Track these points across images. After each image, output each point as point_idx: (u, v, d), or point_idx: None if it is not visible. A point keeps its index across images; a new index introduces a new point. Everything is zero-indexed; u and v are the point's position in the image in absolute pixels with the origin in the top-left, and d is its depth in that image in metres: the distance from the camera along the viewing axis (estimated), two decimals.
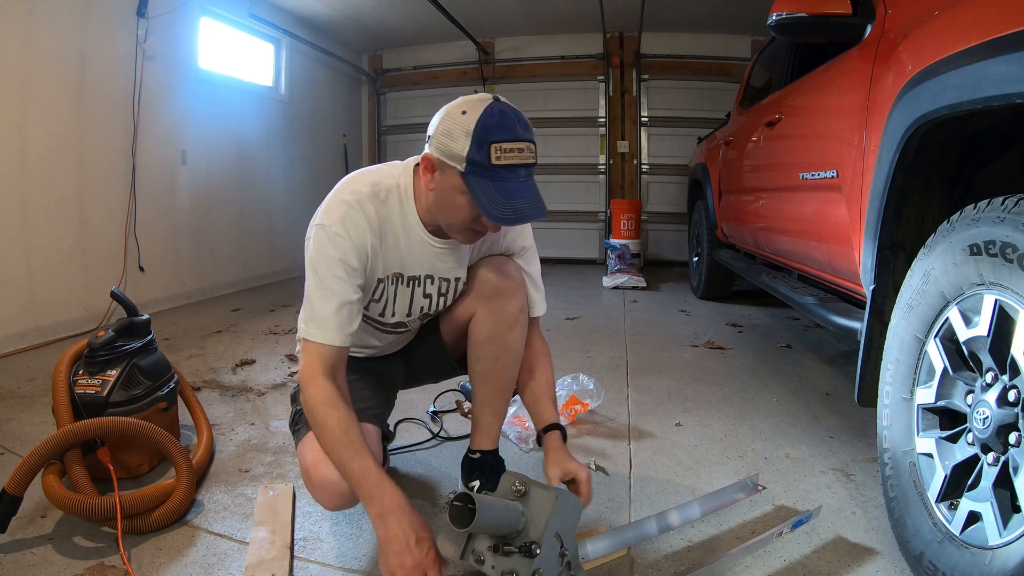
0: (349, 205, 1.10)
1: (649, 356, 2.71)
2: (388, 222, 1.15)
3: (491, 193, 1.01)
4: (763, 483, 1.44)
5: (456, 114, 1.03)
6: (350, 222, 1.10)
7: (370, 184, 1.14)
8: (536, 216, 1.04)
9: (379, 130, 6.72)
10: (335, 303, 1.08)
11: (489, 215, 1.02)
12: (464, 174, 1.02)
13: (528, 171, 1.05)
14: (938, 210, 1.29)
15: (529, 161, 1.04)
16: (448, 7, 4.74)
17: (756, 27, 5.35)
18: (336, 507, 1.13)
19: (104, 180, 3.30)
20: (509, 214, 1.02)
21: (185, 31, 3.89)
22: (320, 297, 1.08)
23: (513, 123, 1.02)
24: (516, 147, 1.02)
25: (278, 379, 2.33)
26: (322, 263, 1.09)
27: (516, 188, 1.02)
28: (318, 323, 1.08)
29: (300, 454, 1.16)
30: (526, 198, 1.03)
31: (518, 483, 0.97)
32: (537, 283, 1.34)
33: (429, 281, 1.24)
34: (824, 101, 1.85)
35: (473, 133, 1.00)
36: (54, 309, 2.98)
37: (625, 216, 5.07)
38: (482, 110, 1.02)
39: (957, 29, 1.07)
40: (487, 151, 1.00)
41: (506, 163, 1.01)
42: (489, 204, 1.01)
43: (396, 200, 1.16)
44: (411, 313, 1.26)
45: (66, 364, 1.50)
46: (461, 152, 1.01)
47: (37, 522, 1.28)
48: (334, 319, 1.07)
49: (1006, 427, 0.88)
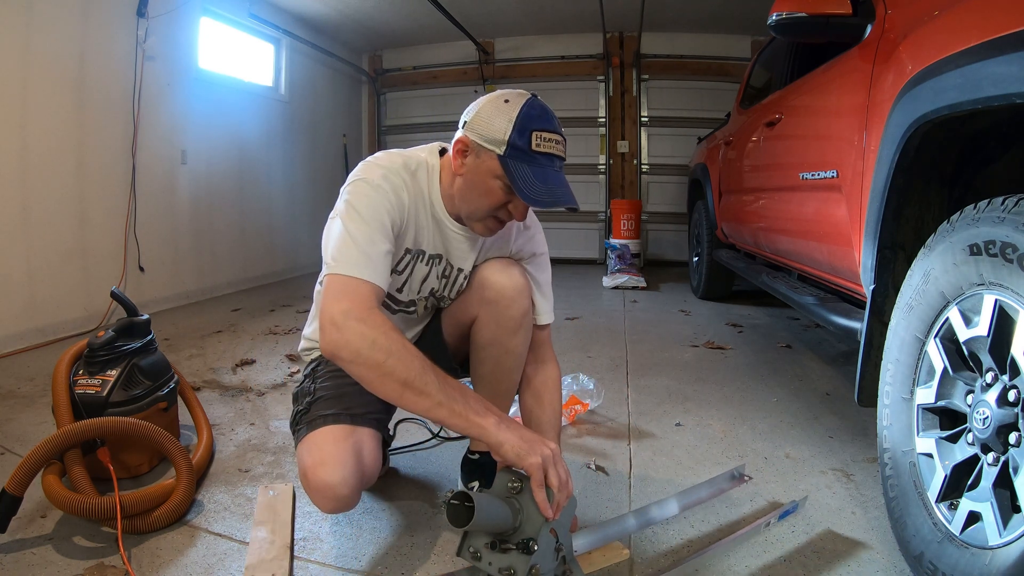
0: (388, 169, 1.12)
1: (649, 356, 2.71)
2: (418, 197, 1.17)
3: (529, 176, 1.05)
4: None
5: (499, 102, 1.08)
6: (390, 182, 1.11)
7: (403, 158, 1.17)
8: (569, 201, 1.08)
9: (379, 130, 6.72)
10: (379, 246, 1.04)
11: (526, 197, 1.05)
12: (503, 157, 1.06)
13: (561, 163, 1.11)
14: (938, 210, 1.29)
15: (563, 154, 1.10)
16: (448, 7, 4.74)
17: (756, 27, 5.35)
18: (333, 510, 1.12)
19: (104, 180, 3.30)
20: (546, 196, 1.05)
21: (185, 31, 3.89)
22: (365, 238, 1.03)
23: (552, 117, 1.10)
24: (554, 138, 1.08)
25: (278, 379, 2.33)
26: (366, 209, 1.05)
27: (552, 175, 1.07)
28: (364, 260, 1.01)
29: (299, 456, 1.15)
30: (559, 185, 1.08)
31: (514, 480, 0.97)
32: (545, 291, 1.33)
33: (439, 261, 1.24)
34: (824, 101, 1.85)
35: (516, 119, 1.05)
36: (54, 309, 2.98)
37: (625, 216, 5.08)
38: (525, 100, 1.08)
39: (957, 29, 1.07)
40: (528, 137, 1.05)
41: (545, 151, 1.06)
42: (526, 187, 1.05)
43: (425, 176, 1.18)
44: (421, 291, 1.27)
45: (66, 364, 1.49)
46: (502, 136, 1.05)
47: (37, 522, 1.27)
48: (380, 260, 1.03)
49: (1006, 427, 0.88)
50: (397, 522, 1.31)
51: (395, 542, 1.23)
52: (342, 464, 1.06)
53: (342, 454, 1.07)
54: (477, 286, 1.27)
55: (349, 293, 0.98)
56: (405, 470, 1.57)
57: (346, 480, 1.06)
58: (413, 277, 1.23)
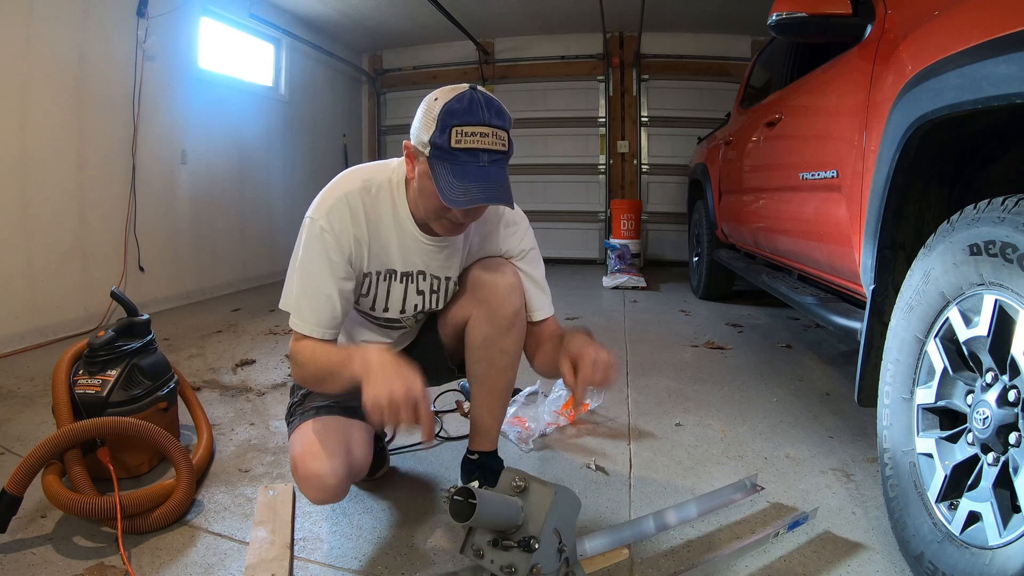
0: (337, 199, 1.13)
1: (649, 356, 2.71)
2: (379, 217, 1.16)
3: (447, 176, 1.01)
4: (763, 483, 1.44)
5: (430, 101, 1.05)
6: (335, 216, 1.12)
7: (361, 180, 1.16)
8: (488, 200, 1.02)
9: (379, 130, 6.72)
10: (317, 298, 1.12)
11: (443, 197, 1.01)
12: (429, 158, 1.04)
13: (492, 157, 1.02)
14: (938, 210, 1.29)
15: (494, 147, 1.02)
16: (448, 7, 4.74)
17: (756, 27, 5.34)
18: (321, 501, 1.13)
19: (104, 180, 3.30)
20: (460, 196, 0.99)
21: (185, 31, 3.89)
22: (302, 291, 1.12)
23: (480, 109, 1.01)
24: (479, 131, 1.00)
25: (278, 379, 2.33)
26: (307, 256, 1.12)
27: (474, 172, 1.01)
28: (301, 316, 1.12)
29: (291, 445, 1.17)
30: (482, 181, 1.01)
31: (518, 479, 0.98)
32: (541, 285, 1.33)
33: (422, 277, 1.24)
34: (824, 101, 1.85)
35: (438, 117, 1.01)
36: (54, 309, 2.98)
37: (625, 216, 5.08)
38: (451, 96, 1.02)
39: (957, 29, 1.07)
40: (448, 134, 1.00)
41: (466, 146, 1.00)
42: (444, 186, 1.01)
43: (388, 195, 1.17)
44: (405, 310, 1.26)
45: (66, 364, 1.49)
46: (427, 136, 1.03)
47: (37, 522, 1.27)
48: (313, 314, 1.12)
49: (1006, 427, 0.88)
50: (397, 522, 1.31)
51: (395, 542, 1.23)
52: (331, 454, 1.07)
53: (332, 445, 1.08)
54: (469, 287, 1.26)
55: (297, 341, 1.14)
56: (405, 470, 1.57)
57: (335, 470, 1.07)
58: (390, 297, 1.23)
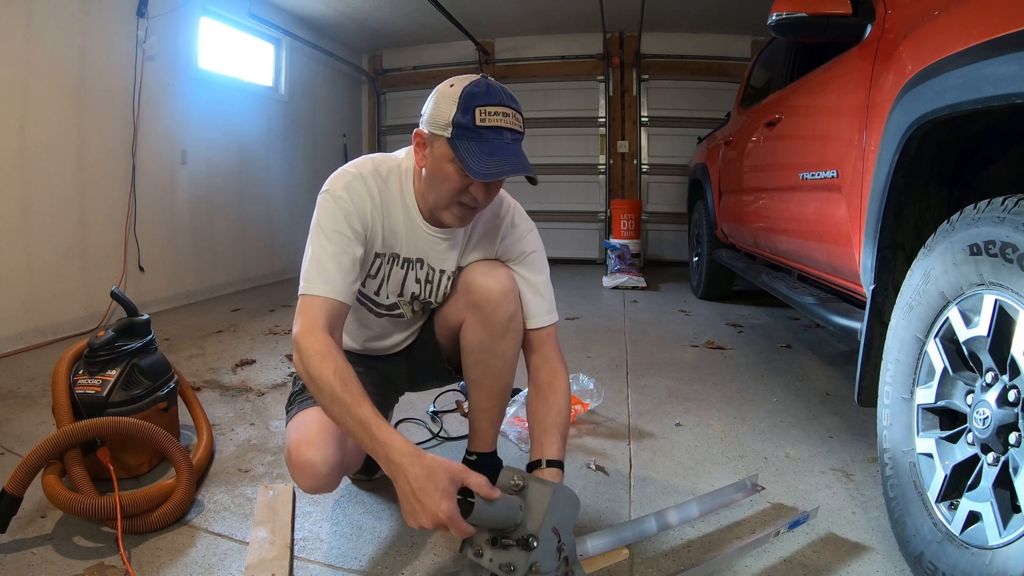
0: (353, 175, 1.15)
1: (649, 356, 2.71)
2: (390, 201, 1.18)
3: (475, 152, 1.04)
4: (763, 483, 1.44)
5: (444, 88, 1.09)
6: (353, 189, 1.13)
7: (373, 163, 1.18)
8: (517, 170, 1.06)
9: (379, 130, 6.72)
10: (339, 258, 1.10)
11: (473, 172, 1.03)
12: (451, 138, 1.06)
13: (514, 136, 1.07)
14: (938, 210, 1.29)
15: (515, 127, 1.07)
16: (448, 7, 4.74)
17: (756, 27, 5.35)
18: (312, 490, 1.12)
19: (104, 180, 3.30)
20: (492, 168, 1.03)
21: (185, 31, 3.89)
22: (324, 253, 1.10)
23: (498, 92, 1.07)
24: (501, 111, 1.05)
25: (278, 379, 2.33)
26: (327, 222, 1.12)
27: (500, 147, 1.05)
28: (321, 276, 1.08)
29: (287, 434, 1.17)
30: (512, 156, 1.06)
31: (516, 478, 0.98)
32: (541, 291, 1.29)
33: (419, 265, 1.24)
34: (824, 101, 1.85)
35: (459, 100, 1.05)
36: (54, 309, 2.98)
37: (625, 216, 5.08)
38: (468, 82, 1.07)
39: (957, 29, 1.07)
40: (472, 114, 1.04)
41: (491, 124, 1.05)
42: (472, 161, 1.03)
43: (397, 181, 1.19)
44: (403, 294, 1.27)
45: (66, 364, 1.49)
46: (448, 118, 1.05)
47: (37, 522, 1.27)
48: (338, 272, 1.09)
49: (1006, 427, 0.88)
50: (397, 522, 1.31)
51: (395, 542, 1.24)
52: (325, 444, 1.08)
53: (326, 434, 1.09)
54: (463, 290, 1.26)
55: (303, 311, 1.07)
56: None
57: (327, 460, 1.07)
58: (390, 280, 1.24)
